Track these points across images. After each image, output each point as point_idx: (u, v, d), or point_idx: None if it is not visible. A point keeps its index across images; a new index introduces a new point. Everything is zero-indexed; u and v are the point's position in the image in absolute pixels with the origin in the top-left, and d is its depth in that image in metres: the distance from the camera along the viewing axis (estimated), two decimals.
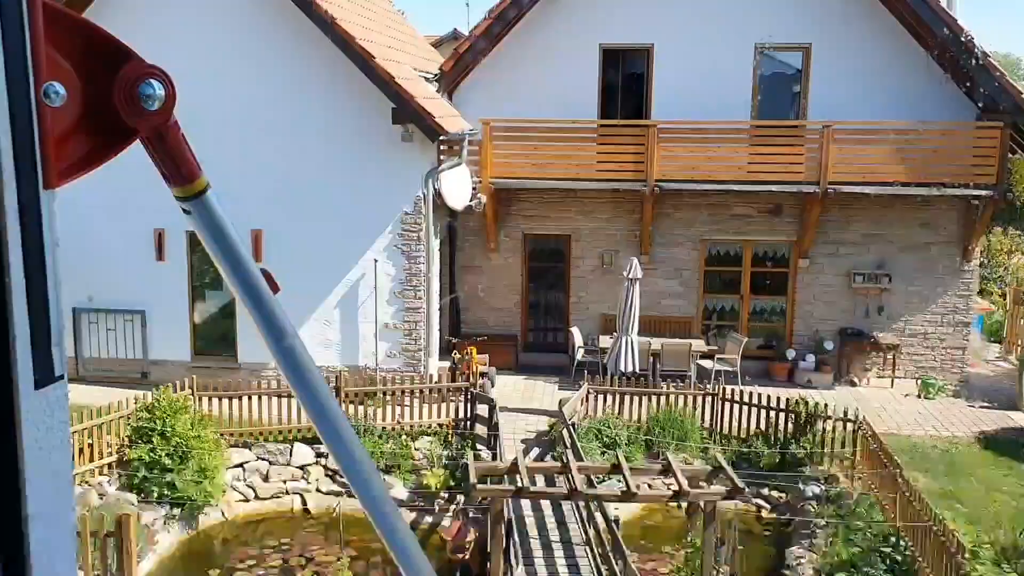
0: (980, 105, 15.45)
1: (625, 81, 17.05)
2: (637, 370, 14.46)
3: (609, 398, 13.90)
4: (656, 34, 16.41)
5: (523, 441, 13.53)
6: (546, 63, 16.60)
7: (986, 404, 15.58)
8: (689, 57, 16.29)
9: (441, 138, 14.27)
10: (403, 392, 13.65)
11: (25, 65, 0.81)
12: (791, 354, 16.45)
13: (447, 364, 15.24)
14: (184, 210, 1.02)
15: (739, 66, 16.32)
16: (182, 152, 0.98)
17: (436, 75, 16.84)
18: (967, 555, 9.46)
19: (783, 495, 12.65)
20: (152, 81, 0.91)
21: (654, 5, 16.33)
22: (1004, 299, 20.35)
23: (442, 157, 15.06)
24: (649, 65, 16.64)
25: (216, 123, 14.44)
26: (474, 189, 15.83)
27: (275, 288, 1.04)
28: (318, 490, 12.96)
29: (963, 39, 14.90)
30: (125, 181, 14.55)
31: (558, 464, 11.22)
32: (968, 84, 15.46)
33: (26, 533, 0.81)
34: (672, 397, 13.77)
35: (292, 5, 13.59)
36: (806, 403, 13.15)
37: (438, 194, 14.89)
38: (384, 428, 13.24)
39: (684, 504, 11.71)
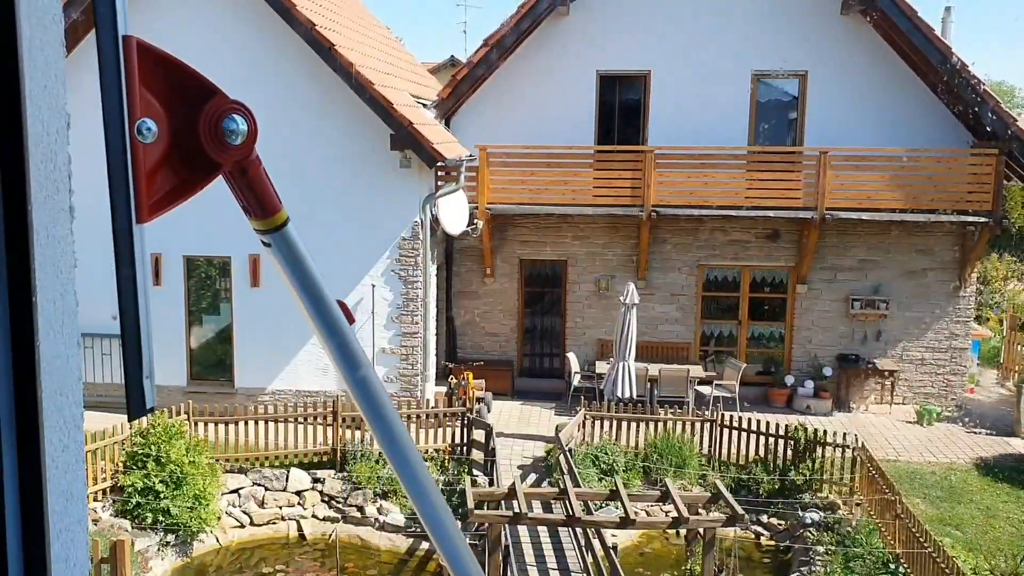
0: (975, 133, 15.55)
1: (622, 107, 17.15)
2: (634, 396, 14.42)
3: (606, 424, 13.85)
4: (653, 61, 16.54)
5: (520, 467, 13.48)
6: (543, 90, 16.71)
7: (984, 430, 15.54)
8: (686, 84, 16.42)
9: (439, 164, 14.32)
10: (399, 417, 13.58)
11: (120, 103, 0.83)
12: (790, 380, 16.43)
13: (444, 389, 15.20)
14: (264, 243, 1.03)
15: (736, 93, 16.45)
16: (263, 186, 0.99)
17: (434, 102, 16.93)
18: None
19: (782, 522, 12.58)
20: (235, 116, 0.91)
21: (651, 32, 16.48)
22: (1001, 325, 20.39)
23: (440, 183, 15.12)
24: (646, 91, 16.76)
25: None
26: (471, 215, 15.87)
27: (351, 319, 1.06)
28: (314, 516, 12.87)
29: (958, 67, 15.04)
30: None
31: (555, 490, 11.17)
32: (963, 112, 15.59)
33: (48, 551, 0.80)
34: (670, 423, 13.72)
35: (291, 31, 13.68)
36: (805, 429, 13.11)
37: (435, 220, 14.93)
38: (381, 453, 13.15)
39: (683, 531, 11.65)
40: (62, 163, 0.87)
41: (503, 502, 10.93)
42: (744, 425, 13.51)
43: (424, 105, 16.47)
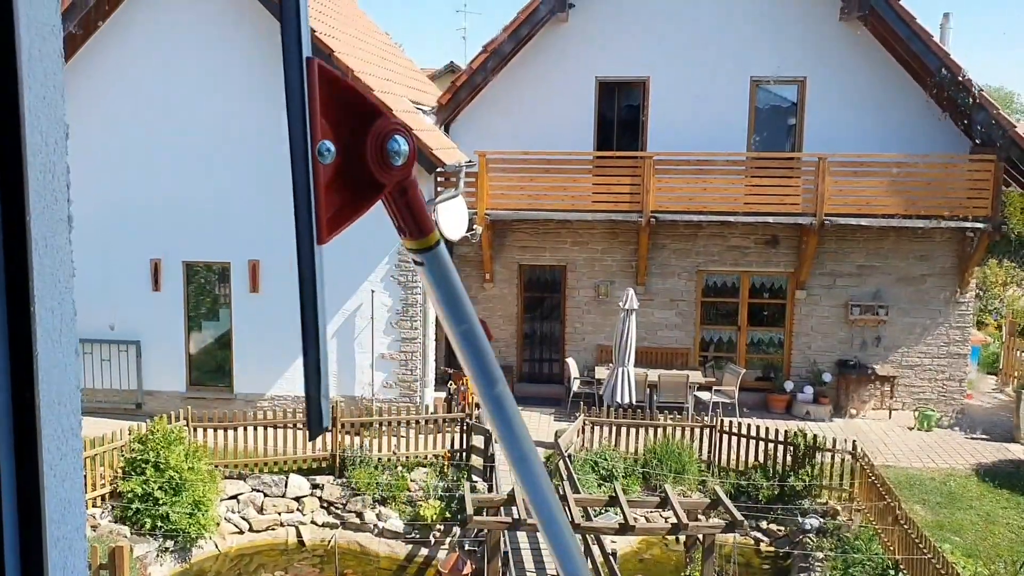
0: (977, 140, 15.56)
1: (621, 113, 17.18)
2: (634, 402, 14.42)
3: (606, 430, 13.84)
4: (652, 67, 16.57)
5: None
6: (542, 96, 16.74)
7: (983, 436, 15.54)
8: (685, 90, 16.44)
9: (438, 170, 14.34)
10: (399, 423, 13.59)
11: (304, 126, 0.83)
12: (789, 386, 16.42)
13: (443, 395, 15.20)
14: (416, 261, 1.04)
15: (735, 99, 16.47)
16: (420, 206, 1.00)
17: (433, 108, 16.96)
18: None
19: (782, 528, 12.57)
20: (398, 137, 0.92)
21: (650, 39, 16.50)
22: (1000, 331, 20.39)
23: (439, 188, 15.14)
24: (645, 98, 16.78)
25: (214, 153, 14.53)
26: (470, 220, 15.87)
27: (490, 337, 1.08)
28: (313, 522, 12.86)
29: (956, 73, 15.06)
30: (120, 210, 14.64)
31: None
32: (962, 118, 15.60)
33: (45, 559, 0.81)
34: (669, 429, 13.71)
35: None
36: (804, 435, 13.11)
37: (435, 225, 14.93)
38: (380, 459, 13.17)
39: (682, 537, 11.64)
40: (61, 173, 0.87)
41: (502, 508, 10.92)
42: (743, 431, 13.50)
43: (423, 111, 16.50)
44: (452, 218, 15.31)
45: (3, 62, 0.79)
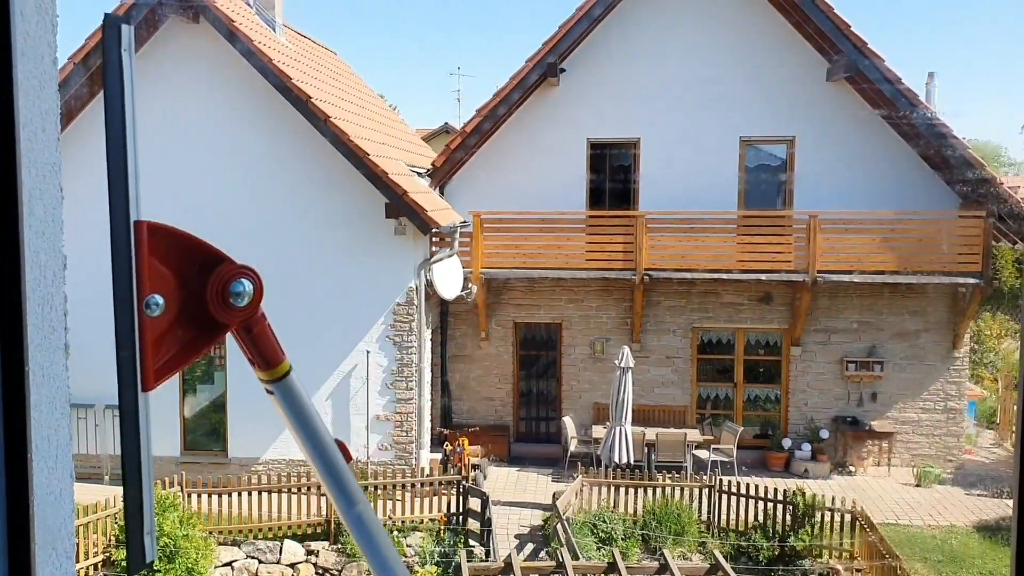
0: (961, 194, 15.74)
1: (613, 173, 17.37)
2: (632, 461, 14.31)
3: (604, 490, 13.71)
4: (642, 128, 16.79)
5: (517, 536, 13.30)
6: (535, 157, 16.94)
7: (983, 492, 15.42)
8: (675, 150, 16.65)
9: (433, 231, 14.44)
10: (394, 486, 13.45)
11: (130, 284, 0.88)
12: (787, 443, 16.33)
13: (439, 456, 15.07)
14: (267, 391, 1.08)
15: (725, 158, 16.67)
16: (268, 340, 1.05)
17: (428, 170, 17.14)
18: None
19: None
20: (243, 279, 0.98)
21: (639, 101, 16.76)
22: (996, 384, 20.37)
23: (434, 249, 15.23)
24: (636, 158, 16.98)
25: (211, 216, 14.61)
26: (465, 279, 15.95)
27: (348, 458, 1.12)
28: None
29: (942, 131, 15.30)
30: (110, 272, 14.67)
31: (552, 563, 11.01)
32: (950, 175, 15.80)
33: None
34: (668, 489, 13.59)
35: (287, 104, 13.89)
36: (803, 494, 12.99)
37: (430, 285, 14.99)
38: None
39: None
40: (59, 304, 0.90)
41: None
42: (743, 490, 13.38)
43: (419, 173, 16.66)
44: (447, 277, 15.39)
45: (5, 201, 0.82)
